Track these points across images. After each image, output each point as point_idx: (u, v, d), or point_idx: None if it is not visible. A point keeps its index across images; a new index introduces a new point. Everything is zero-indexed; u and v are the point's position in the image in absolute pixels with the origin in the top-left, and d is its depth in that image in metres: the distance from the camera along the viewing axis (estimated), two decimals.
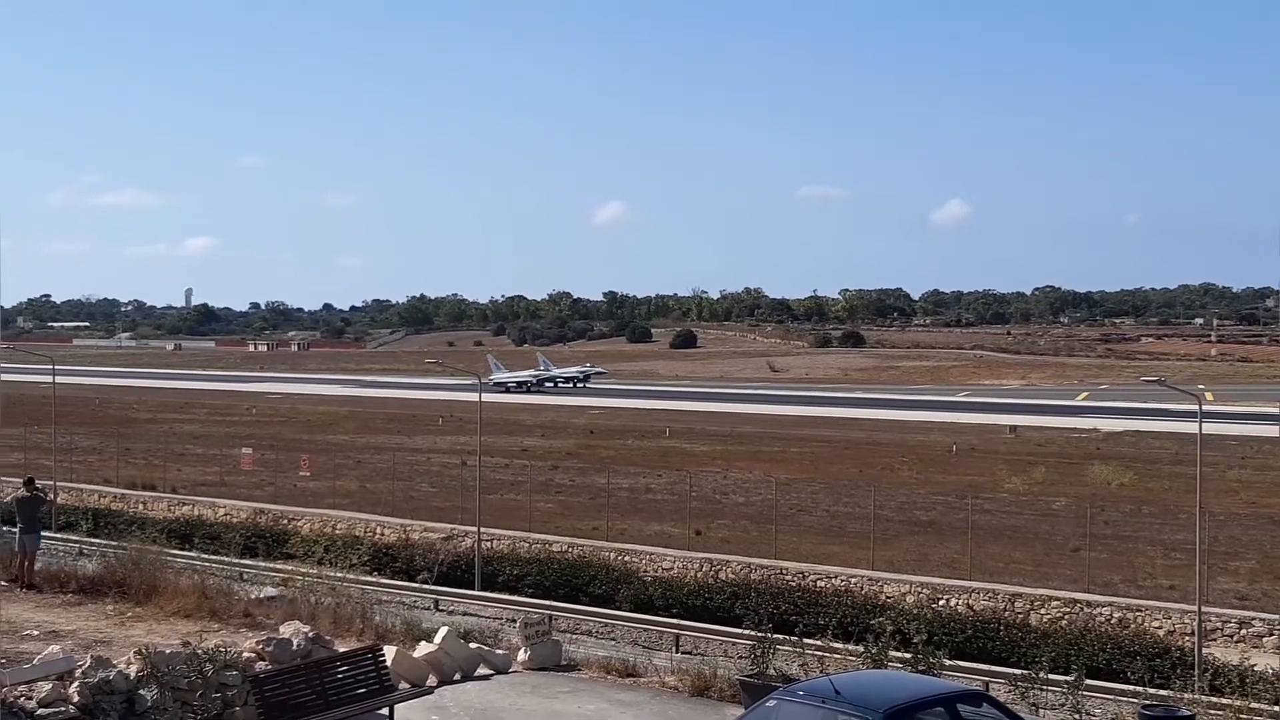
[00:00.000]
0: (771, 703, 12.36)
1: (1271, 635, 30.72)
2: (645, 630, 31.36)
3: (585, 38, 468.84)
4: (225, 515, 45.37)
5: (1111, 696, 23.15)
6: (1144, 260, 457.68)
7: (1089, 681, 19.58)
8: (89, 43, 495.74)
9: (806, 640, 19.59)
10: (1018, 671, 20.27)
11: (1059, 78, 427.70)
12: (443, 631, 19.43)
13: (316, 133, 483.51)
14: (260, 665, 16.03)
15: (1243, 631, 30.99)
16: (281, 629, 17.61)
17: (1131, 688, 22.75)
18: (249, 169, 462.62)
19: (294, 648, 16.64)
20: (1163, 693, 19.74)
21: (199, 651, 15.29)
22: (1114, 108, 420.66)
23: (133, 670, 14.69)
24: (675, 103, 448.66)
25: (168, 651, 15.24)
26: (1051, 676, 19.11)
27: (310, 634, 17.22)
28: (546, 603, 32.26)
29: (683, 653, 28.64)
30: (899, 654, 18.47)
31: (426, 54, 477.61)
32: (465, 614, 31.95)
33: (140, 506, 47.64)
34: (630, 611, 32.94)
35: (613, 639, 30.92)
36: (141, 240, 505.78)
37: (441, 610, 32.92)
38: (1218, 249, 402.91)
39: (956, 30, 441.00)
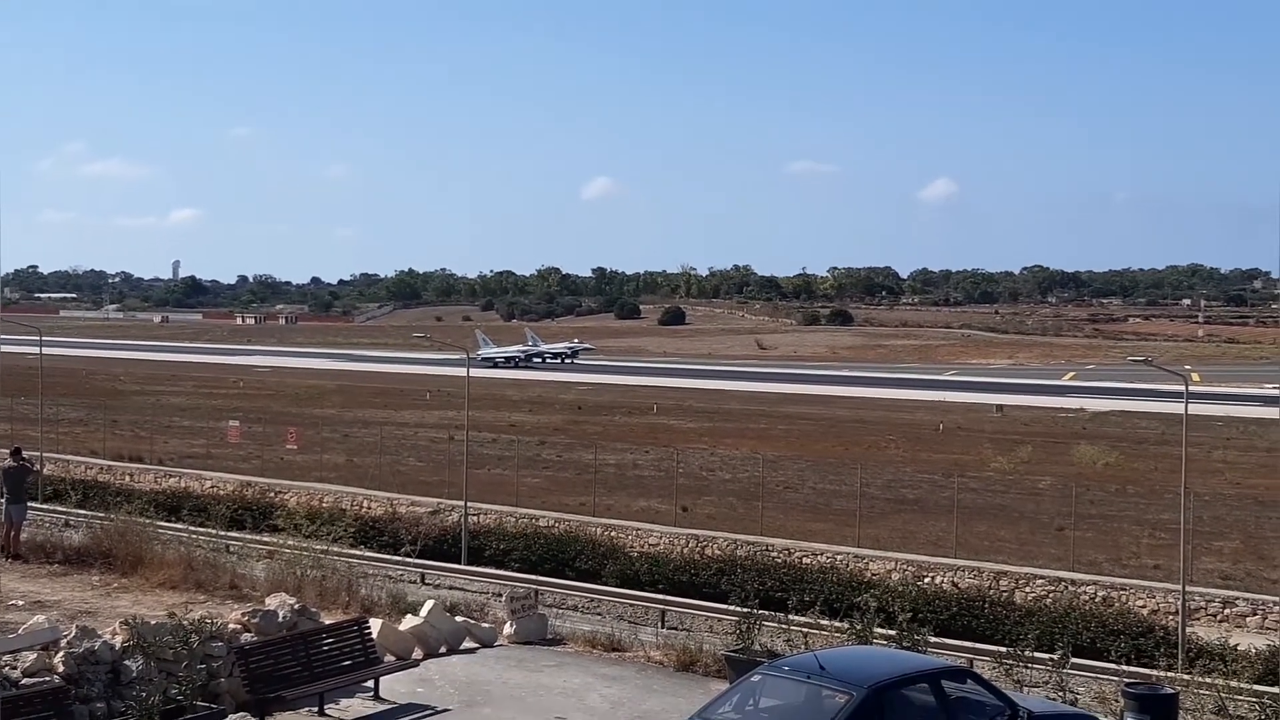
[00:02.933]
0: (756, 678, 12.39)
1: (1255, 615, 30.88)
2: (631, 605, 31.39)
3: (575, 13, 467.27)
4: (212, 487, 45.23)
5: (1094, 675, 23.24)
6: (1132, 240, 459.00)
7: (1073, 660, 19.62)
8: (77, 10, 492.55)
9: (792, 616, 19.64)
10: (1002, 649, 20.34)
11: (1047, 57, 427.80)
12: (429, 605, 19.45)
13: (306, 105, 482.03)
14: (246, 637, 16.05)
15: (1226, 611, 31.12)
16: (267, 601, 17.62)
17: (1115, 666, 22.86)
18: (238, 140, 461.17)
19: (280, 620, 16.65)
20: (1146, 671, 19.84)
21: (185, 622, 15.29)
22: (1103, 87, 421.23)
23: (118, 641, 14.68)
24: (664, 78, 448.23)
25: (153, 622, 15.23)
26: (1035, 655, 19.19)
27: (296, 606, 17.23)
28: (533, 577, 32.29)
29: (668, 628, 28.67)
30: (884, 631, 18.54)
31: (417, 28, 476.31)
32: (451, 588, 31.93)
33: (127, 478, 47.51)
34: (616, 587, 32.95)
35: (599, 614, 30.94)
36: (129, 211, 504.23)
37: (428, 584, 32.90)
38: (1206, 229, 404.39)
39: (946, 9, 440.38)
